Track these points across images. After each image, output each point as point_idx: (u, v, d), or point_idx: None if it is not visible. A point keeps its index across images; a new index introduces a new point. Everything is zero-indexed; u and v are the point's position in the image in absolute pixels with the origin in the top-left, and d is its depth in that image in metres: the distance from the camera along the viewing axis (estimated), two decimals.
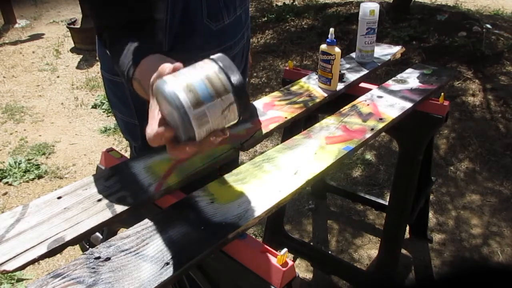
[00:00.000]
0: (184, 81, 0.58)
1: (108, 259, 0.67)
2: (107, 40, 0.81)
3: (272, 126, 1.10)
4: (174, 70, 0.61)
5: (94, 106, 3.26)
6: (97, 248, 0.69)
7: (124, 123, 1.15)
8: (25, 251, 0.69)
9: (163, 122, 0.61)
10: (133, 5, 0.80)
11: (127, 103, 1.08)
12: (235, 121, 0.63)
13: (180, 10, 0.95)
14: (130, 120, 1.11)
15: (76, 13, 4.99)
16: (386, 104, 1.24)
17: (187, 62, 0.66)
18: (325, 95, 1.27)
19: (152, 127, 0.61)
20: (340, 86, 1.31)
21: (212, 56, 0.61)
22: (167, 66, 0.62)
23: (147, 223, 0.75)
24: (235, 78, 0.59)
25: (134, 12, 0.80)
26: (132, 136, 1.16)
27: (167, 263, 0.67)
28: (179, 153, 0.62)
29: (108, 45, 0.81)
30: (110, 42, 0.80)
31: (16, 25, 4.96)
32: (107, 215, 0.77)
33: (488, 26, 3.31)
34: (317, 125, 1.11)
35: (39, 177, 2.47)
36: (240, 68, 1.22)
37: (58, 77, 3.78)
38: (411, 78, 1.43)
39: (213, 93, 0.58)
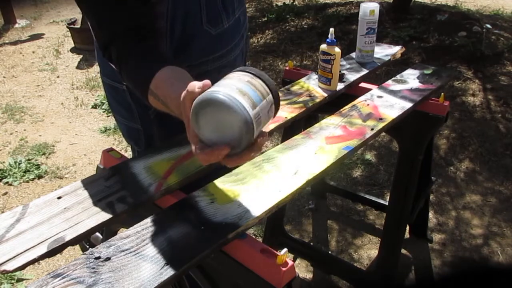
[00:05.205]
0: (234, 86, 0.59)
1: (108, 259, 0.67)
2: (113, 55, 0.80)
3: (272, 126, 1.10)
4: (204, 86, 0.61)
5: (94, 106, 3.26)
6: (97, 248, 0.69)
7: (126, 128, 1.14)
8: (25, 251, 0.69)
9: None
10: (136, 9, 0.79)
11: (129, 109, 1.07)
12: (270, 121, 0.66)
13: (180, 17, 0.95)
14: (133, 125, 1.10)
15: (76, 13, 4.98)
16: (386, 104, 1.24)
17: (191, 70, 0.67)
18: (325, 95, 1.27)
19: (204, 150, 0.62)
20: (340, 86, 1.31)
21: (238, 68, 0.64)
22: (195, 84, 0.61)
23: (147, 223, 0.75)
24: (268, 80, 0.62)
25: (138, 16, 0.79)
26: (135, 141, 1.15)
27: (167, 263, 0.66)
28: (240, 159, 0.63)
29: (115, 61, 0.80)
30: (118, 58, 0.79)
31: (16, 25, 4.96)
32: (107, 215, 0.77)
33: (488, 26, 3.31)
34: (317, 125, 1.11)
35: (39, 177, 2.47)
36: None
37: (58, 77, 3.78)
38: (411, 78, 1.43)
39: (260, 95, 0.61)
